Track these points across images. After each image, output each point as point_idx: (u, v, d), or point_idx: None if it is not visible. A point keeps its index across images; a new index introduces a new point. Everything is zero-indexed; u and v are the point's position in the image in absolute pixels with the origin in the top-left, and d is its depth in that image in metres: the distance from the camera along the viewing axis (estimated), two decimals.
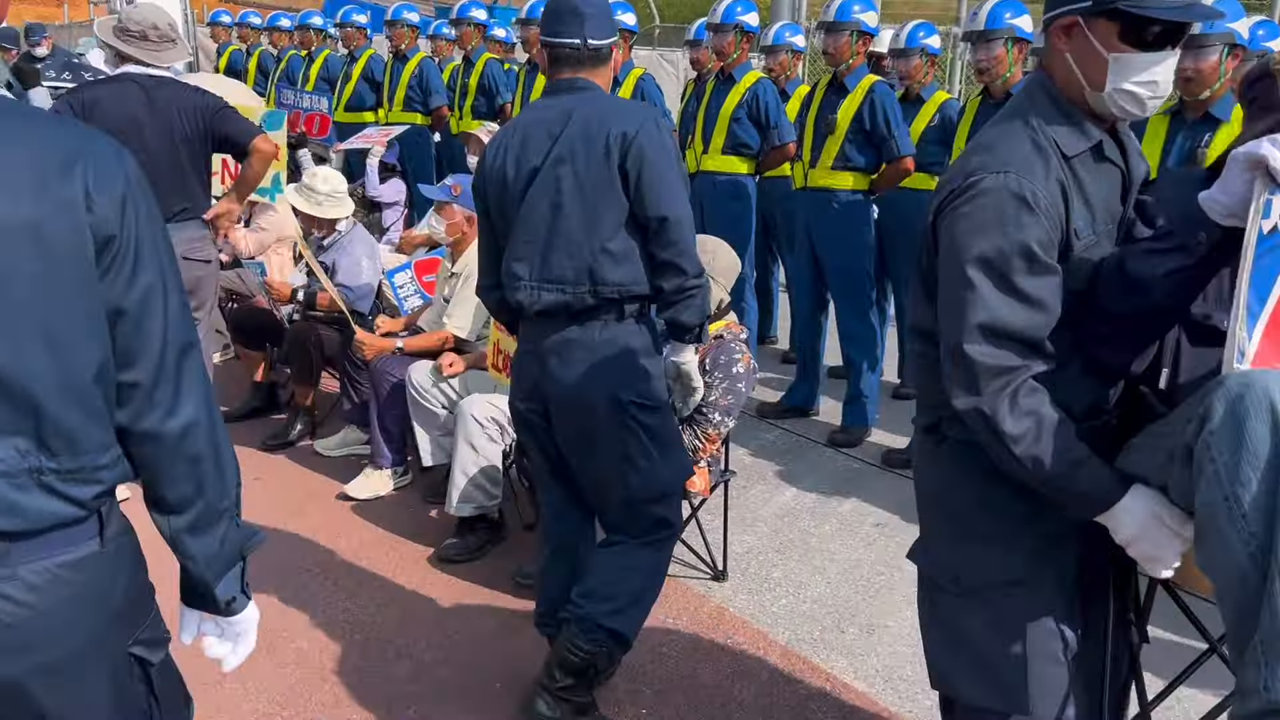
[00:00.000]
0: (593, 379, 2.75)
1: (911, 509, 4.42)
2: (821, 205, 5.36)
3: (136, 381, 1.49)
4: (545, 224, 2.71)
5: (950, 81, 12.33)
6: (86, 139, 1.47)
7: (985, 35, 4.29)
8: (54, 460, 1.41)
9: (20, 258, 1.35)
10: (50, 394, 1.39)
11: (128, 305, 1.46)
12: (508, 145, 2.79)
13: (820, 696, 3.16)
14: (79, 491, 1.46)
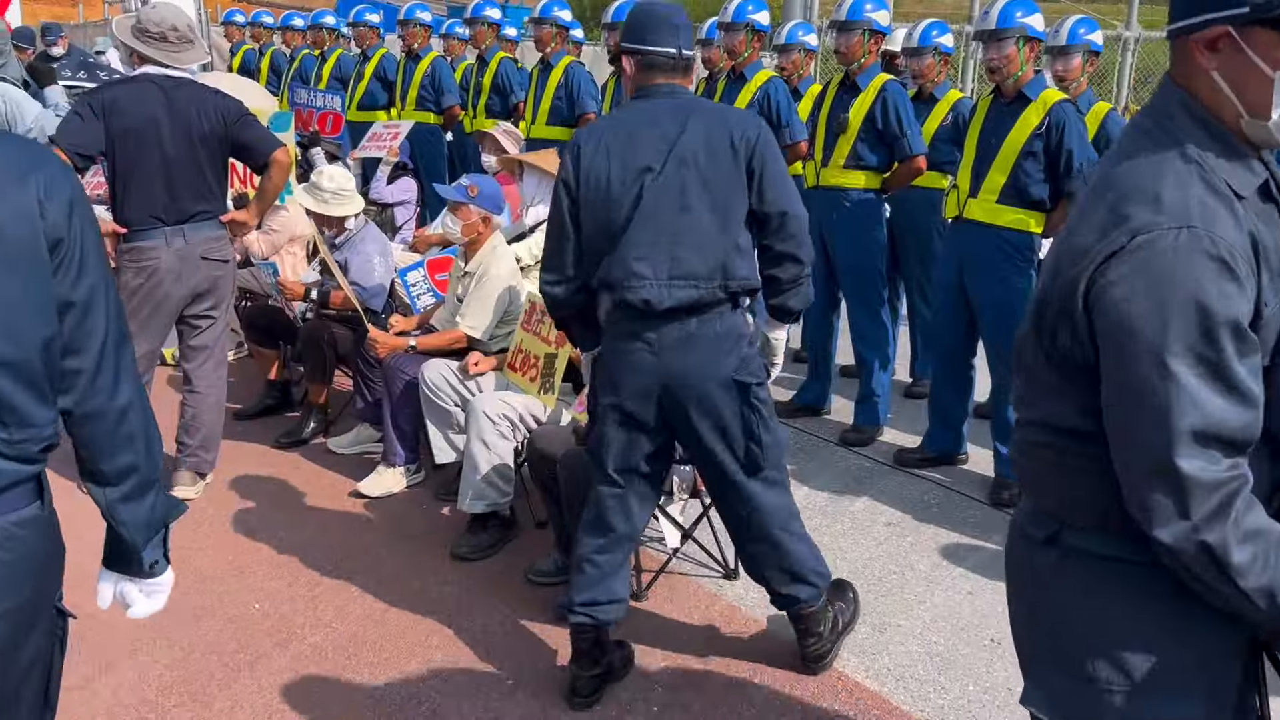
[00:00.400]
0: (719, 368, 2.90)
1: (922, 508, 4.45)
2: (833, 204, 5.35)
3: (80, 368, 1.68)
4: (672, 223, 2.83)
5: (963, 80, 12.32)
6: (39, 155, 1.65)
7: (997, 34, 4.28)
8: (5, 431, 1.59)
9: None
10: (6, 374, 1.57)
11: (76, 299, 1.64)
12: (609, 146, 2.88)
13: (831, 695, 3.17)
14: (25, 459, 1.63)
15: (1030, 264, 4.44)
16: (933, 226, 5.69)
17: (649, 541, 4.10)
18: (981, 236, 4.46)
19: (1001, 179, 4.38)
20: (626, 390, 2.94)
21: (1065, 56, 5.16)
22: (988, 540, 4.24)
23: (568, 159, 2.94)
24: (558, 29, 7.18)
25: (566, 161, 2.94)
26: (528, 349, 3.96)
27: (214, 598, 3.60)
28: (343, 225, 5.01)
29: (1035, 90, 4.34)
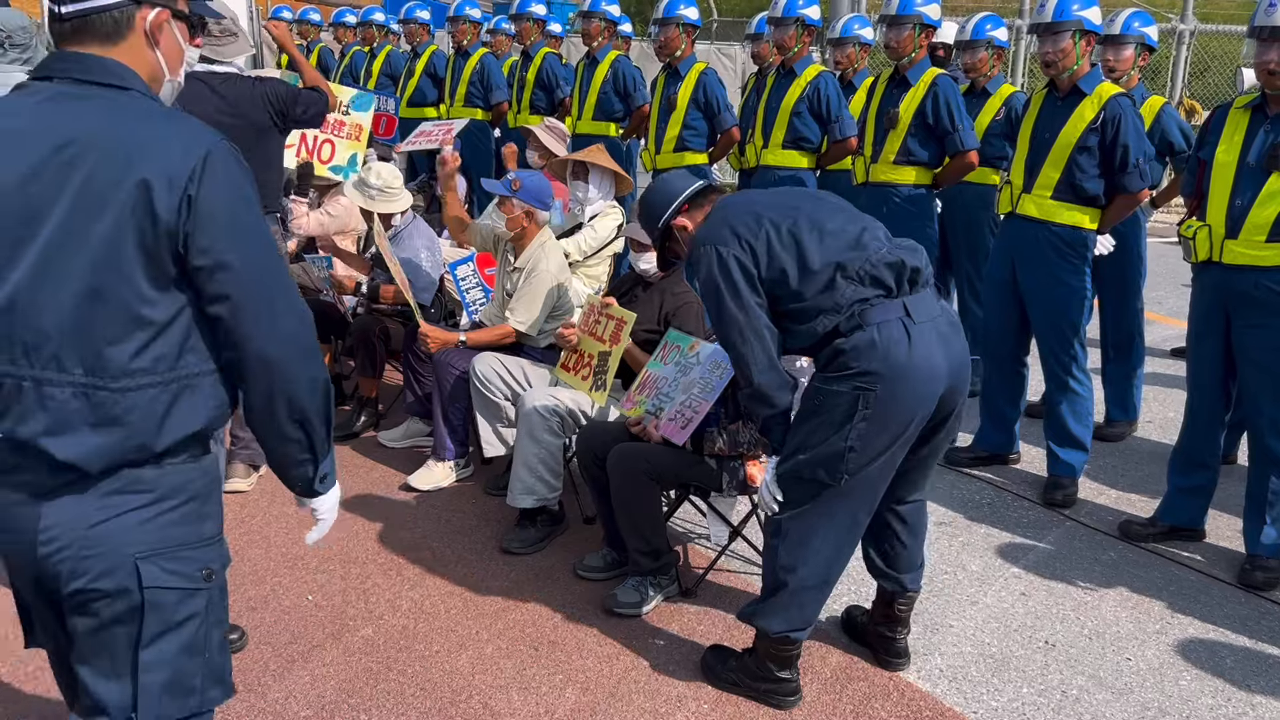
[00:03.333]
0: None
1: (974, 508, 4.41)
2: (883, 200, 5.32)
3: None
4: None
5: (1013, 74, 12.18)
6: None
7: (1052, 28, 4.21)
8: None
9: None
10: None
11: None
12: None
13: (883, 696, 3.14)
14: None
15: (1084, 260, 4.37)
16: (985, 223, 5.62)
17: (697, 539, 4.09)
18: (1035, 233, 4.40)
19: (1055, 174, 4.31)
20: (943, 369, 2.85)
21: (1117, 46, 5.08)
22: (1040, 540, 4.19)
23: (753, 243, 2.82)
24: (606, 23, 7.18)
25: (747, 246, 2.82)
26: (583, 349, 3.97)
27: (268, 589, 3.64)
28: (389, 222, 5.05)
29: (1090, 84, 4.27)
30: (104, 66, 1.77)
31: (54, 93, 1.75)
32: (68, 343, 1.71)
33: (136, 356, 1.74)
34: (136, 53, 1.81)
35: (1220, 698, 3.19)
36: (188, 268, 1.74)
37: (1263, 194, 3.65)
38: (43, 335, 1.71)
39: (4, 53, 5.15)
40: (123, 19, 1.78)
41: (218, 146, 1.76)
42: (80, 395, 1.73)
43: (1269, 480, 3.83)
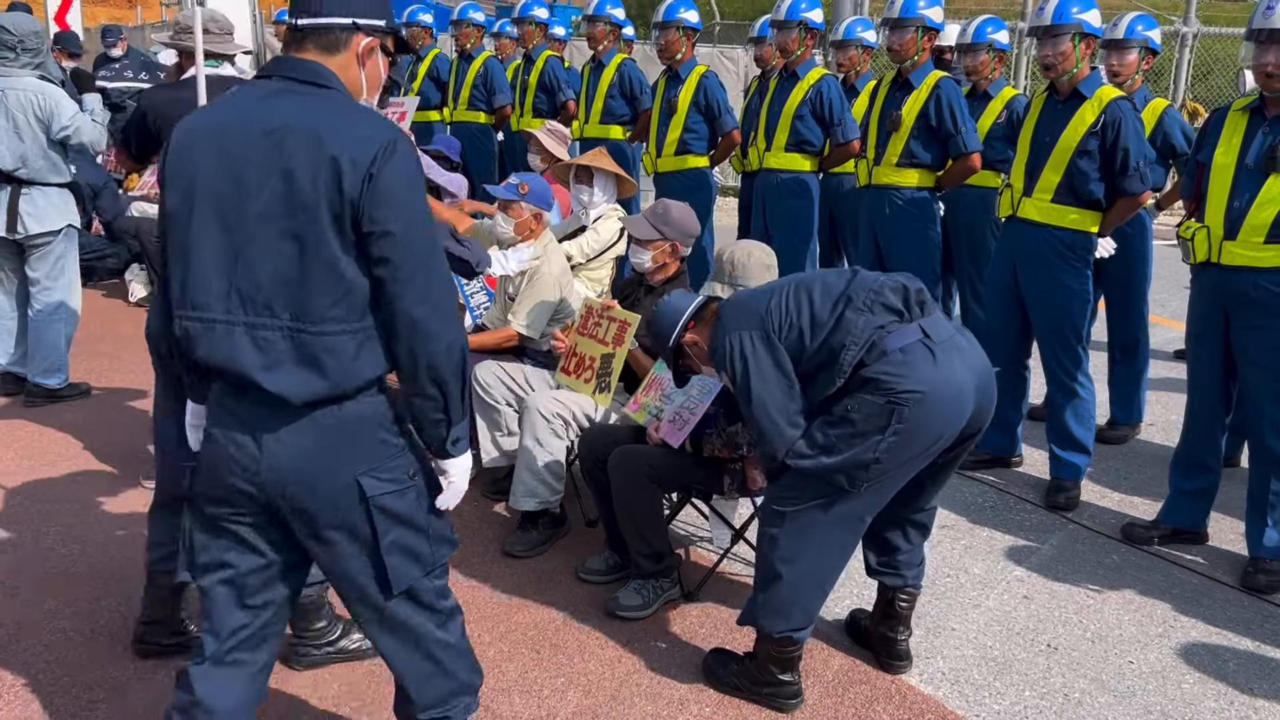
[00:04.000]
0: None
1: (976, 511, 4.41)
2: (886, 203, 5.32)
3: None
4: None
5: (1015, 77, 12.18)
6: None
7: (1052, 30, 4.21)
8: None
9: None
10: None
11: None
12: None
13: (885, 699, 3.14)
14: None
15: (1086, 263, 4.37)
16: (986, 226, 5.63)
17: (699, 542, 4.10)
18: (1036, 236, 4.40)
19: (1056, 177, 4.31)
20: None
21: (1121, 51, 5.08)
22: (1043, 543, 4.19)
23: (765, 317, 2.90)
24: (611, 27, 7.19)
25: (761, 320, 2.90)
26: (583, 352, 3.97)
27: None
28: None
29: (1091, 87, 4.27)
30: (315, 70, 2.14)
31: (272, 89, 2.13)
32: (277, 293, 2.05)
33: (332, 307, 2.07)
34: (347, 68, 2.20)
35: (1223, 701, 3.19)
36: (360, 235, 2.05)
37: (1261, 195, 3.66)
38: (256, 286, 2.05)
39: (15, 57, 5.18)
40: (342, 38, 2.18)
41: (400, 139, 2.09)
42: (287, 337, 2.07)
43: (1270, 482, 3.83)
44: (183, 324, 2.12)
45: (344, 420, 2.14)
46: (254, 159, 2.04)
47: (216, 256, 2.07)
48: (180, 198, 2.11)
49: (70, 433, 5.08)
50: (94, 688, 3.07)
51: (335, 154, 2.01)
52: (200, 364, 2.14)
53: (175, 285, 2.12)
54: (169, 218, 2.13)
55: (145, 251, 7.55)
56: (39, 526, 4.06)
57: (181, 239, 2.11)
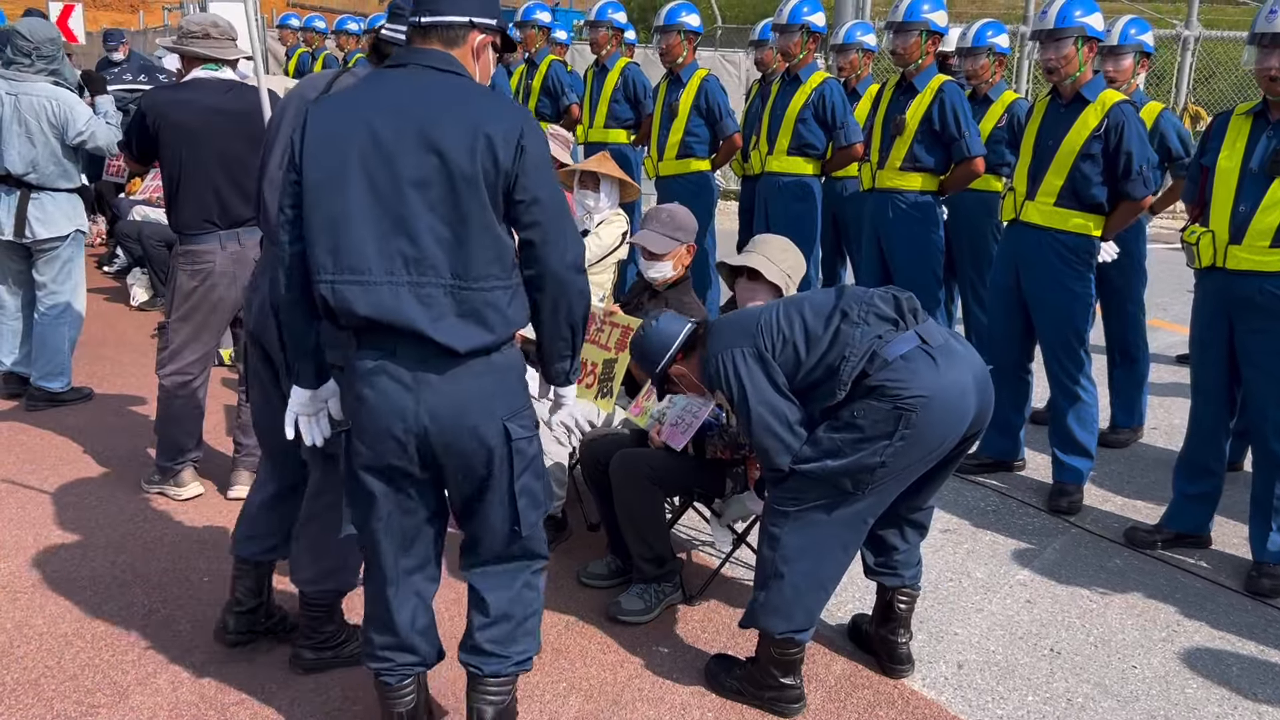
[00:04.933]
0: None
1: (979, 515, 4.40)
2: (889, 206, 5.32)
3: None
4: None
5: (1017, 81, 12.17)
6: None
7: (1055, 34, 4.20)
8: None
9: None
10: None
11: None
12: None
13: (887, 703, 3.13)
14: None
15: (1089, 268, 4.36)
16: (988, 229, 5.62)
17: (701, 546, 4.09)
18: (1038, 240, 4.39)
19: (1059, 181, 4.31)
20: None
21: (1116, 57, 5.08)
22: (1045, 547, 4.18)
23: (756, 336, 2.92)
24: (614, 31, 7.19)
25: (753, 338, 2.92)
26: (585, 357, 3.96)
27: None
28: None
29: (1094, 91, 4.26)
30: (447, 59, 2.43)
31: (411, 74, 2.39)
32: (439, 254, 2.32)
33: (489, 265, 2.35)
34: (464, 59, 2.46)
35: (1226, 706, 3.18)
36: (511, 201, 2.35)
37: (1266, 200, 3.65)
38: (421, 249, 2.31)
39: (31, 63, 5.19)
40: (461, 33, 2.45)
41: (530, 116, 2.41)
42: (449, 293, 2.33)
43: (1274, 486, 3.82)
44: (337, 288, 2.34)
45: (494, 368, 2.42)
46: (407, 138, 2.30)
47: (374, 224, 2.31)
48: (327, 172, 2.34)
49: (71, 437, 5.08)
50: (95, 692, 3.07)
51: (489, 131, 2.29)
52: (362, 323, 2.35)
53: (323, 253, 2.34)
54: (313, 190, 2.35)
55: (147, 255, 7.56)
56: (39, 531, 4.06)
57: (331, 210, 2.33)
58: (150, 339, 6.69)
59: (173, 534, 4.06)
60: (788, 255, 3.66)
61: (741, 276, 3.68)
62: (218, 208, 4.17)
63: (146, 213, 7.75)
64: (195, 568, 3.82)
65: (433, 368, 2.37)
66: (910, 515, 3.18)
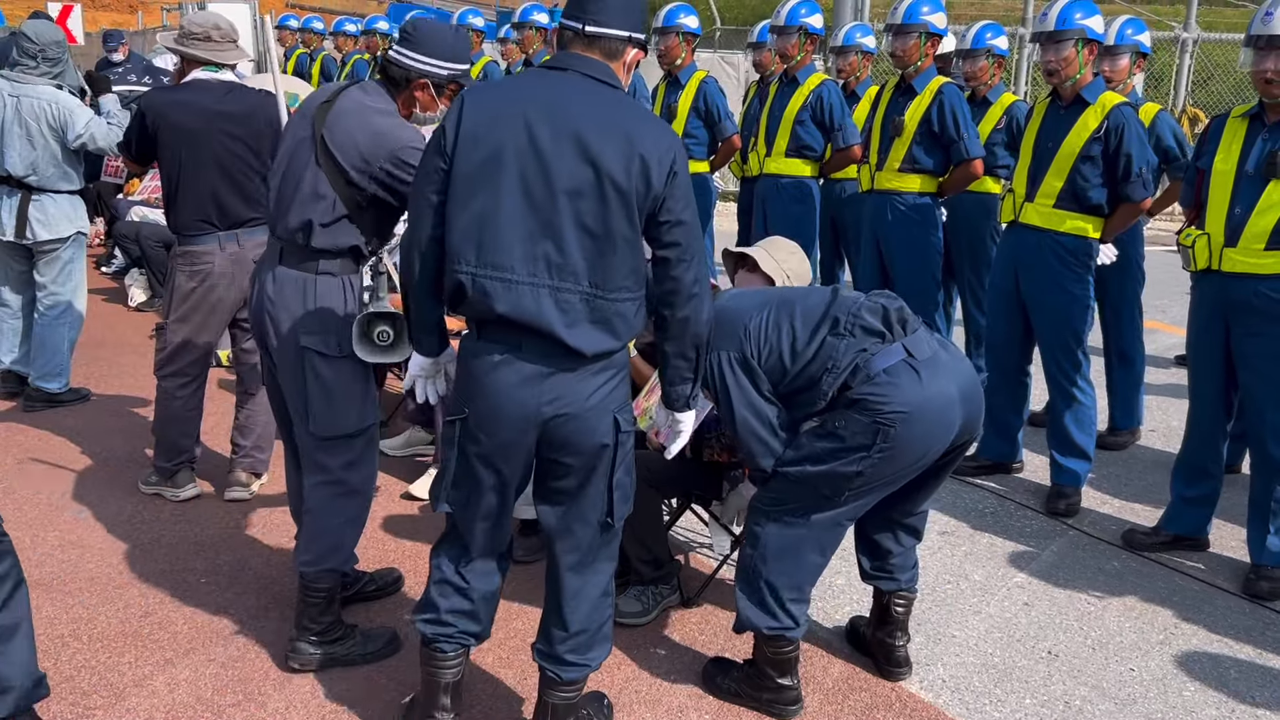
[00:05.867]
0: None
1: (976, 517, 4.40)
2: (888, 208, 5.32)
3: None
4: None
5: (1015, 83, 12.18)
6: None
7: (1055, 36, 4.21)
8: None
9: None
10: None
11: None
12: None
13: (885, 706, 3.13)
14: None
15: (1088, 270, 4.36)
16: (987, 231, 5.62)
17: (699, 548, 4.09)
18: (1038, 241, 4.39)
19: (1058, 183, 4.31)
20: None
21: (1112, 57, 5.07)
22: (1043, 549, 4.18)
23: (744, 340, 2.96)
24: None
25: (739, 340, 2.97)
26: None
27: (269, 598, 3.63)
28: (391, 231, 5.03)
29: (1094, 93, 4.26)
30: (607, 70, 2.49)
31: (569, 80, 2.45)
32: (582, 263, 2.40)
33: (625, 278, 2.45)
34: (620, 73, 2.52)
35: (1224, 709, 3.18)
36: (654, 221, 2.45)
37: (1261, 202, 3.65)
38: (565, 256, 2.39)
39: (35, 65, 5.19)
40: (621, 47, 2.51)
41: (680, 142, 2.50)
42: (584, 300, 2.42)
43: (1272, 489, 3.82)
44: (479, 280, 2.42)
45: (613, 364, 2.54)
46: (565, 145, 2.36)
47: (522, 225, 2.39)
48: (480, 165, 2.40)
49: (68, 438, 5.07)
50: (91, 693, 3.07)
51: (644, 153, 2.38)
52: (497, 319, 2.44)
53: (466, 245, 2.42)
54: (463, 181, 2.42)
55: (145, 256, 7.55)
56: (36, 532, 4.05)
57: (482, 204, 2.40)
58: (148, 340, 6.69)
59: (170, 535, 4.06)
60: (792, 258, 3.66)
61: (744, 267, 3.69)
62: (216, 209, 4.17)
63: (145, 213, 7.75)
64: (192, 569, 3.82)
65: (557, 365, 2.46)
66: (904, 520, 3.18)
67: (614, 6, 2.48)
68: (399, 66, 3.03)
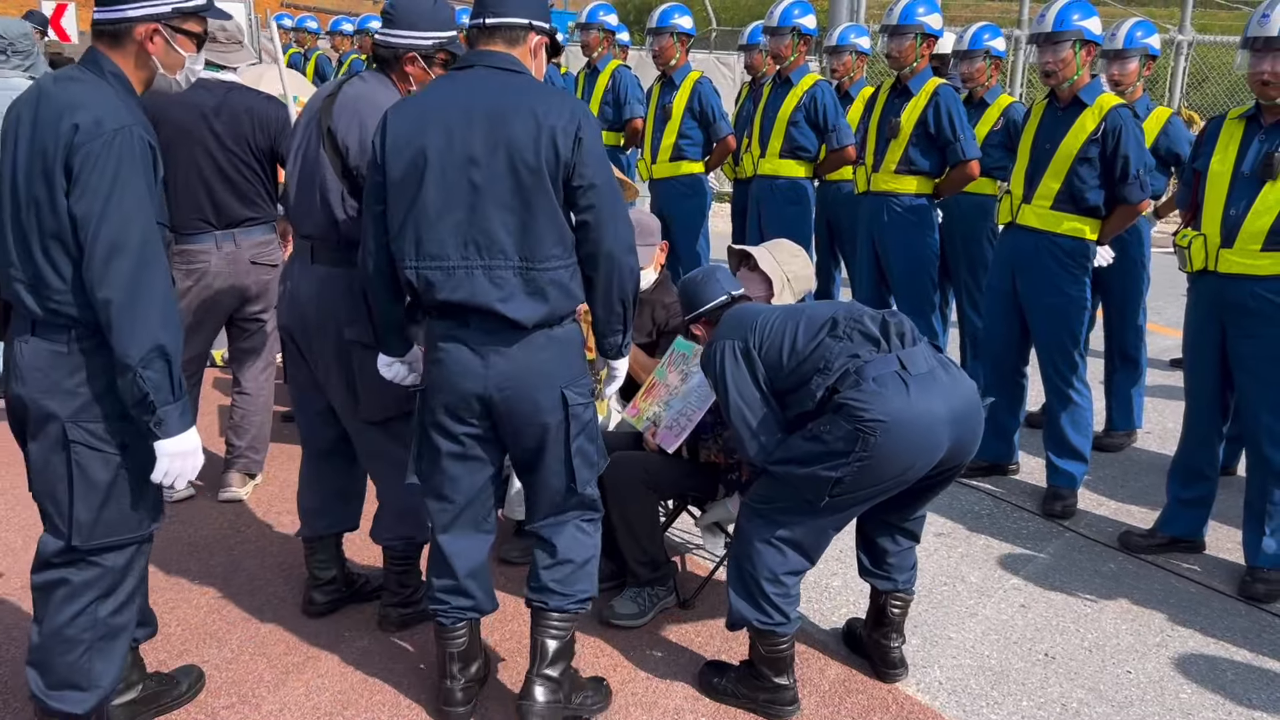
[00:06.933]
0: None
1: (973, 519, 4.40)
2: (884, 209, 5.31)
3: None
4: None
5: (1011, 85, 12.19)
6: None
7: (1053, 37, 4.20)
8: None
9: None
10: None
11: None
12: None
13: (881, 708, 3.12)
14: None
15: (1084, 271, 4.36)
16: (984, 233, 5.62)
17: (695, 550, 4.08)
18: (1035, 242, 4.39)
19: (1056, 185, 4.31)
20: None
21: (1122, 61, 5.07)
22: (1040, 551, 4.17)
23: (749, 334, 3.01)
24: (605, 33, 7.15)
25: (745, 333, 3.03)
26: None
27: (263, 600, 3.62)
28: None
29: (1091, 95, 4.26)
30: (509, 58, 2.68)
31: (478, 75, 2.64)
32: (508, 240, 2.58)
33: (553, 247, 2.61)
34: (524, 59, 2.71)
35: (1220, 711, 3.18)
36: (570, 188, 2.60)
37: (1257, 203, 3.65)
38: (490, 236, 2.58)
39: (6, 59, 5.18)
40: (521, 34, 2.71)
41: (585, 108, 2.65)
42: (518, 274, 2.60)
43: (1268, 491, 3.82)
44: (421, 273, 2.63)
45: (555, 340, 2.69)
46: (479, 134, 2.55)
47: (449, 215, 2.58)
48: (405, 170, 2.60)
49: None
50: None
51: (551, 125, 2.54)
52: (441, 304, 2.63)
53: (407, 244, 2.62)
54: (395, 187, 2.62)
55: None
56: (29, 533, 4.03)
57: (411, 204, 2.60)
58: None
59: (163, 536, 4.04)
60: (795, 260, 3.65)
61: (745, 266, 3.69)
62: (212, 208, 4.15)
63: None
64: (186, 570, 3.80)
65: (501, 339, 2.65)
66: (901, 523, 3.18)
67: None
68: (385, 47, 3.11)
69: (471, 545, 2.92)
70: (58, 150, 2.32)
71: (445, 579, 2.91)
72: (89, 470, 2.49)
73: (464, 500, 2.87)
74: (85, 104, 2.35)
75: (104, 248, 2.30)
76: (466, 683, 2.98)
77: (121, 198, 2.32)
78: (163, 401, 2.37)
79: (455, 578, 2.89)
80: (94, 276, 2.31)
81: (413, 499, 3.22)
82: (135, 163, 2.35)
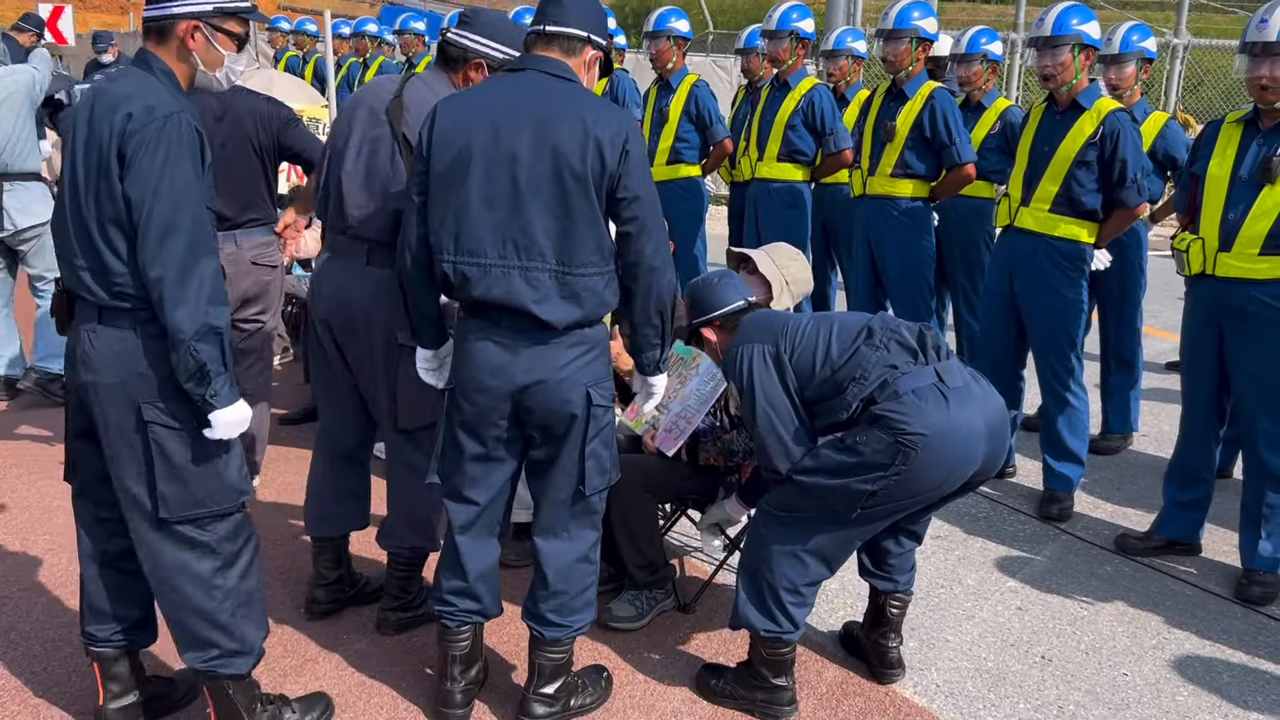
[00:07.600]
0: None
1: (970, 522, 4.40)
2: (881, 213, 5.32)
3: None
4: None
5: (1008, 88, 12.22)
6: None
7: (1051, 41, 4.21)
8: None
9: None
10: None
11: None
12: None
13: (879, 710, 3.13)
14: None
15: (1082, 274, 4.37)
16: (980, 236, 5.63)
17: (694, 553, 4.08)
18: (1032, 246, 4.40)
19: (1054, 188, 4.32)
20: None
21: (1119, 65, 5.08)
22: (1037, 554, 4.18)
23: (780, 338, 3.02)
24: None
25: (775, 338, 3.02)
26: None
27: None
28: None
29: (1089, 99, 4.27)
30: (564, 66, 2.70)
31: (532, 79, 2.66)
32: (547, 243, 2.60)
33: (590, 254, 2.64)
34: (578, 70, 2.73)
35: (1217, 713, 3.18)
36: (613, 199, 2.63)
37: (1255, 207, 3.66)
38: (531, 238, 2.60)
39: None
40: (579, 46, 2.73)
41: (634, 122, 2.67)
42: (554, 277, 2.63)
43: (1264, 494, 3.83)
44: (458, 267, 2.65)
45: (585, 340, 2.71)
46: (526, 136, 2.58)
47: (491, 214, 2.61)
48: (450, 163, 2.63)
49: (61, 440, 5.04)
50: (81, 698, 3.05)
51: (598, 136, 2.56)
52: (476, 301, 2.67)
53: (446, 237, 2.65)
54: (438, 179, 2.65)
55: None
56: (27, 535, 4.03)
57: (455, 199, 2.63)
58: None
59: None
60: (794, 264, 3.66)
61: (743, 269, 3.70)
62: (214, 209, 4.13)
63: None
64: None
65: (532, 338, 2.67)
66: (907, 526, 3.18)
67: (571, 8, 2.71)
68: (457, 47, 3.16)
69: (486, 549, 2.94)
70: (112, 139, 2.41)
71: (456, 580, 2.92)
72: (166, 448, 2.54)
73: (484, 501, 2.88)
74: (137, 95, 2.46)
75: (157, 227, 2.40)
76: (466, 685, 2.99)
77: (173, 180, 2.42)
78: (216, 373, 2.44)
79: (466, 580, 2.91)
80: (147, 256, 2.40)
81: (428, 509, 3.27)
82: (184, 147, 2.45)
